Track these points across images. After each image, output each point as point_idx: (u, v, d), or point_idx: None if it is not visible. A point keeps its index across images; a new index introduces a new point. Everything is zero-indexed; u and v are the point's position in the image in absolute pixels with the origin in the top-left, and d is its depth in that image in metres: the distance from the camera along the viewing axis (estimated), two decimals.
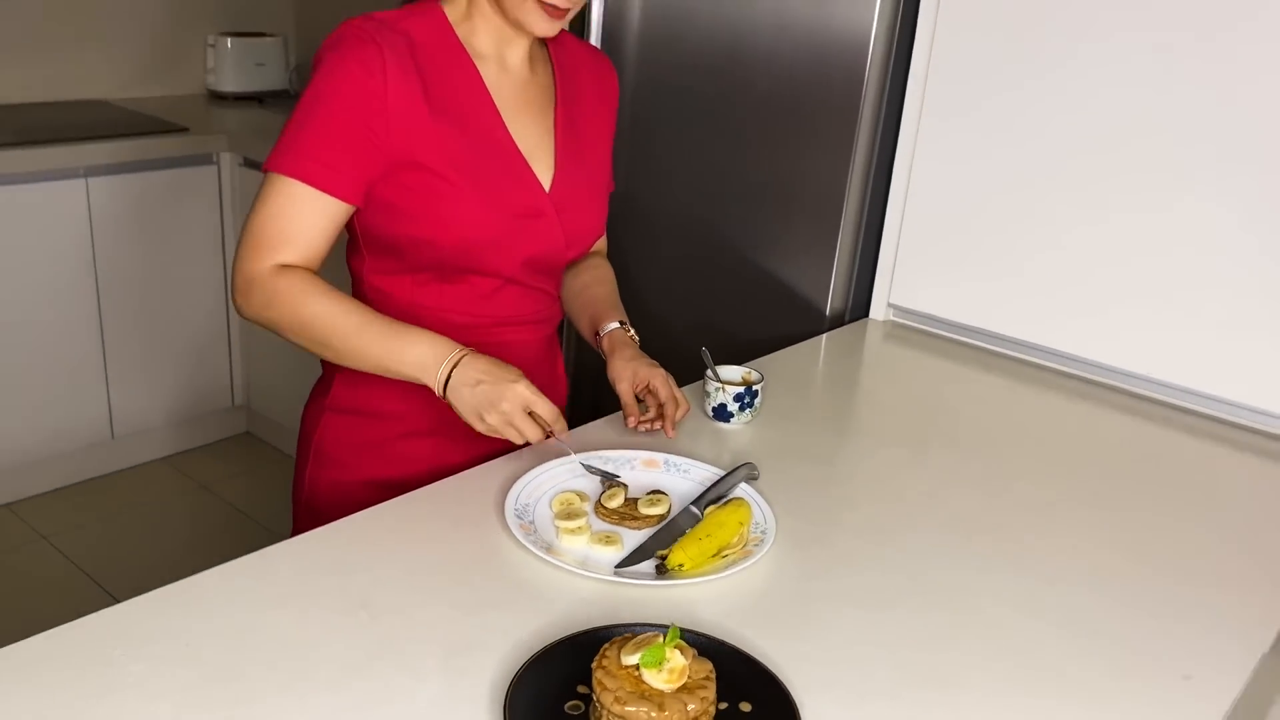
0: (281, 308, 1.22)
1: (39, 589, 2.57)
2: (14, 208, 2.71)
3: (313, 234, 1.23)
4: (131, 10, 3.34)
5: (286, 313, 1.22)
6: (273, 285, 1.21)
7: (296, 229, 1.22)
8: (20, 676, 0.90)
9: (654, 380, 1.37)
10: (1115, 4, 1.59)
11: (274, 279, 1.22)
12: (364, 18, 1.23)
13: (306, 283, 1.22)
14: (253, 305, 1.23)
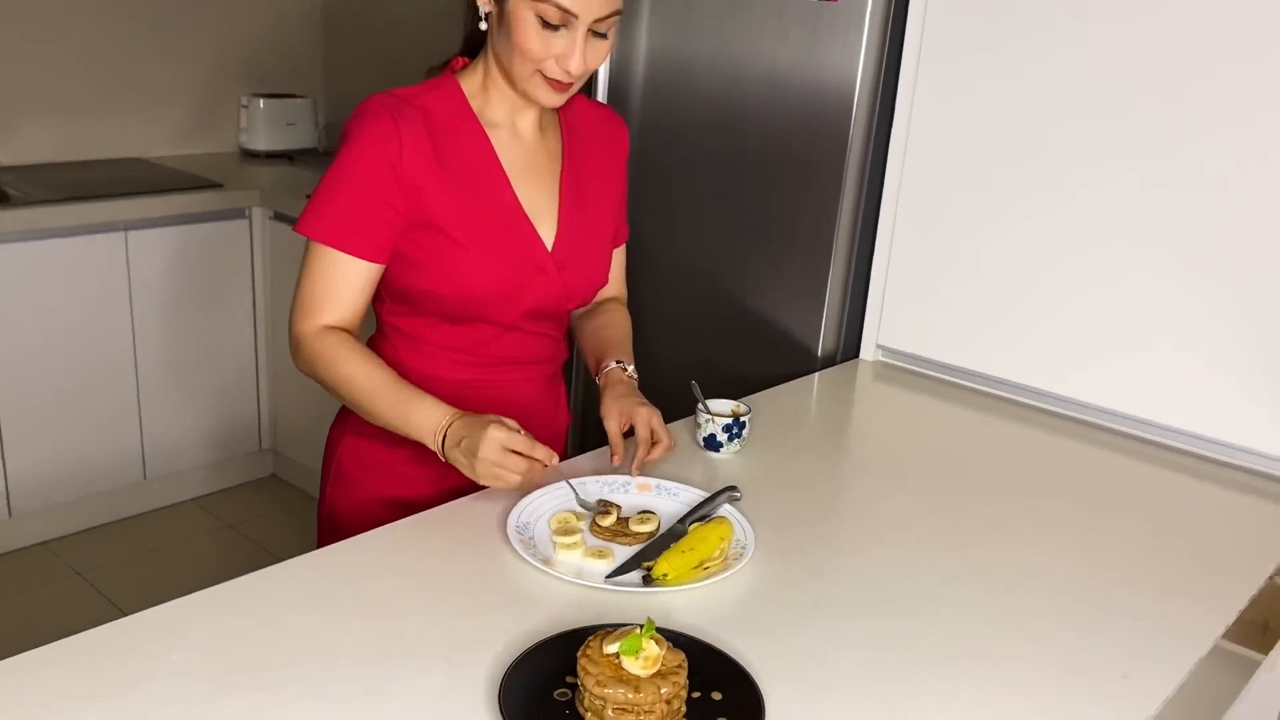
0: (321, 368, 1.38)
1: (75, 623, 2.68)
2: (58, 260, 2.87)
3: (350, 295, 1.38)
4: (169, 73, 3.53)
5: (323, 372, 1.38)
6: (315, 348, 1.38)
7: (336, 293, 1.38)
8: (73, 664, 1.02)
9: (636, 419, 1.44)
10: (1091, 56, 1.72)
11: (316, 342, 1.38)
12: (385, 94, 1.37)
13: (340, 348, 1.37)
14: (300, 362, 1.40)
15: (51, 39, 3.26)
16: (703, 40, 2.09)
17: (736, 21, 2.03)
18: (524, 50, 1.31)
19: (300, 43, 3.84)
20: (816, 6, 1.91)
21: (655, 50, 2.17)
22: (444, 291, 1.41)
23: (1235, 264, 1.63)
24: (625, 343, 1.60)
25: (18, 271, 2.81)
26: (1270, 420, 1.64)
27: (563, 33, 1.30)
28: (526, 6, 1.29)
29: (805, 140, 1.98)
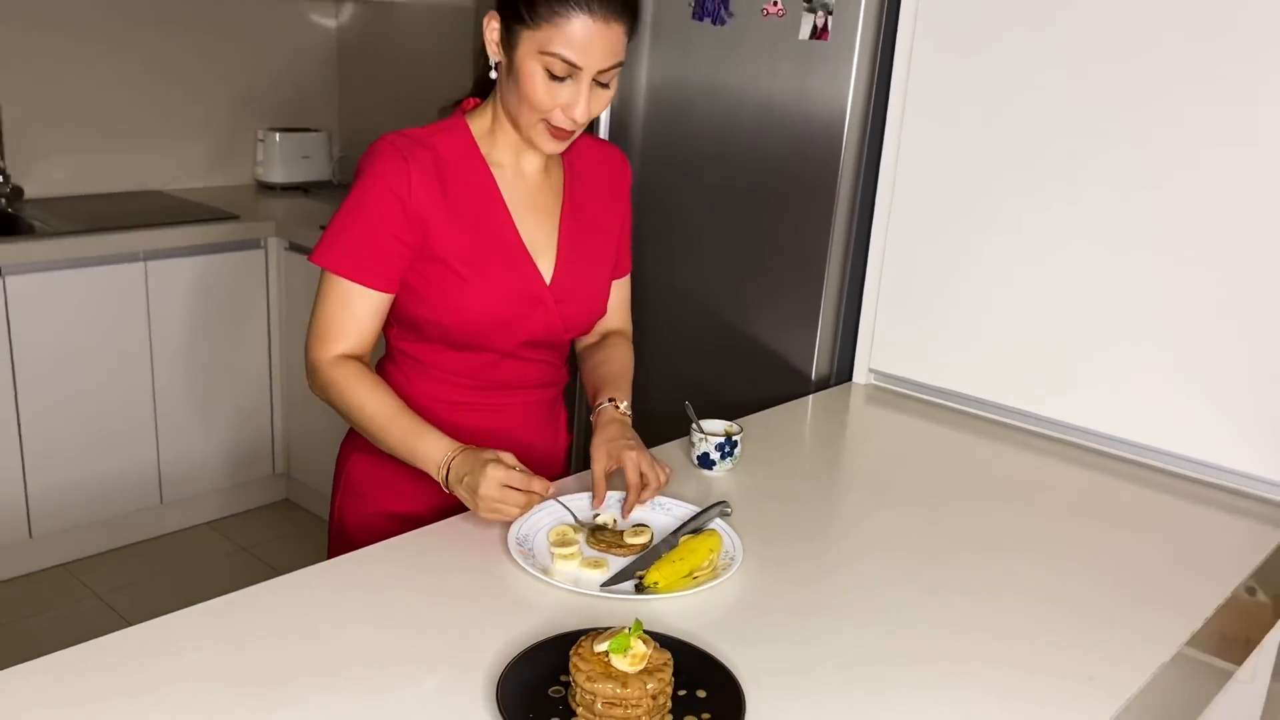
0: (334, 395, 1.46)
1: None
2: (79, 289, 2.97)
3: (363, 323, 1.47)
4: (188, 109, 3.65)
5: (337, 399, 1.46)
6: (330, 375, 1.46)
7: (350, 321, 1.46)
8: (101, 664, 1.10)
9: (625, 462, 1.46)
10: (1073, 87, 1.79)
11: (331, 370, 1.46)
12: (397, 134, 1.46)
13: (353, 378, 1.45)
14: (316, 387, 1.49)
15: (75, 77, 3.37)
16: (700, 76, 2.18)
17: (731, 58, 2.12)
18: (531, 100, 1.39)
19: (316, 78, 3.96)
20: (807, 43, 2.00)
21: (655, 86, 2.27)
22: (447, 321, 1.49)
23: (1205, 292, 1.70)
24: (622, 378, 1.64)
25: (42, 300, 2.91)
26: (1238, 438, 1.71)
27: (568, 83, 1.38)
28: (534, 59, 1.37)
29: (798, 170, 2.07)
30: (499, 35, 1.41)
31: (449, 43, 3.53)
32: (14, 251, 2.86)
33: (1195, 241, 1.70)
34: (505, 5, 1.38)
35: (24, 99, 3.28)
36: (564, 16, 1.34)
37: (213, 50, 3.66)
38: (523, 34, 1.37)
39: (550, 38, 1.35)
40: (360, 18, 3.90)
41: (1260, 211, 1.63)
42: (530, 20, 1.35)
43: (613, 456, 1.48)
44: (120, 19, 3.43)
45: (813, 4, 1.98)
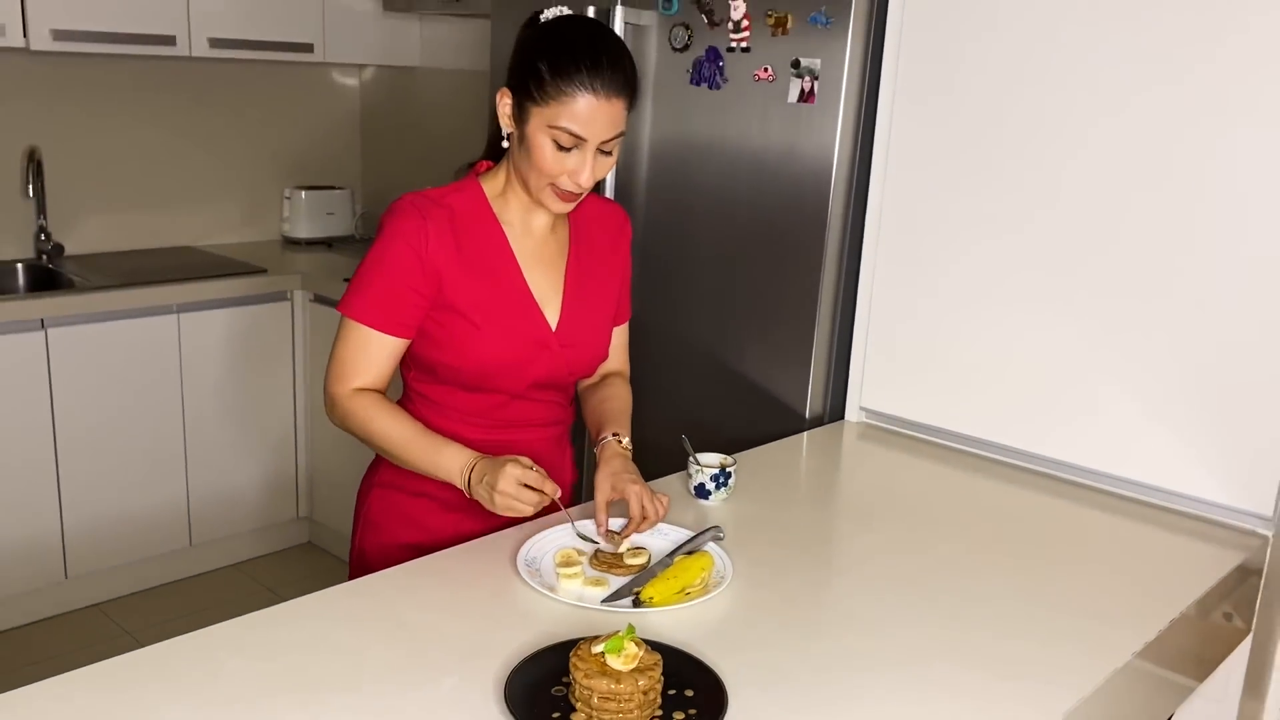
0: (355, 424, 1.61)
1: None
2: (115, 341, 3.14)
3: (379, 365, 1.61)
4: (218, 169, 3.84)
5: (357, 427, 1.61)
6: (349, 406, 1.60)
7: (367, 362, 1.60)
8: (148, 668, 1.23)
9: (628, 494, 1.57)
10: (1049, 140, 1.94)
11: (350, 401, 1.60)
12: (416, 194, 1.61)
13: (372, 406, 1.60)
14: (335, 418, 1.63)
15: (112, 140, 3.58)
16: (697, 136, 2.34)
17: (726, 119, 2.28)
18: (540, 167, 1.54)
19: (339, 139, 4.16)
20: (795, 106, 2.16)
21: (656, 145, 2.42)
22: (460, 364, 1.63)
23: (1169, 331, 1.82)
24: (623, 415, 1.77)
25: (82, 350, 3.07)
26: (1200, 468, 1.82)
27: (574, 153, 1.52)
28: (542, 132, 1.51)
29: (789, 221, 2.21)
30: (510, 109, 1.56)
31: (464, 105, 3.71)
32: (55, 305, 3.03)
33: (1163, 283, 1.82)
34: (516, 84, 1.54)
35: (65, 161, 3.48)
36: (570, 95, 1.48)
37: (242, 114, 3.86)
38: (532, 110, 1.52)
39: (557, 114, 1.49)
40: (381, 82, 4.10)
41: (1224, 249, 1.76)
42: (539, 98, 1.50)
43: (616, 489, 1.60)
44: (154, 86, 3.64)
45: (800, 70, 2.13)
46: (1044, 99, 1.91)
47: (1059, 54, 1.88)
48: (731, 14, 2.21)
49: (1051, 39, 1.88)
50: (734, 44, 2.23)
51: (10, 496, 3.01)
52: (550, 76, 1.49)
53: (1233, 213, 1.74)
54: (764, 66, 2.19)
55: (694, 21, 2.29)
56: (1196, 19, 1.73)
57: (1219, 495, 1.82)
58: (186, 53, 3.37)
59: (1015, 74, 1.93)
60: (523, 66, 1.52)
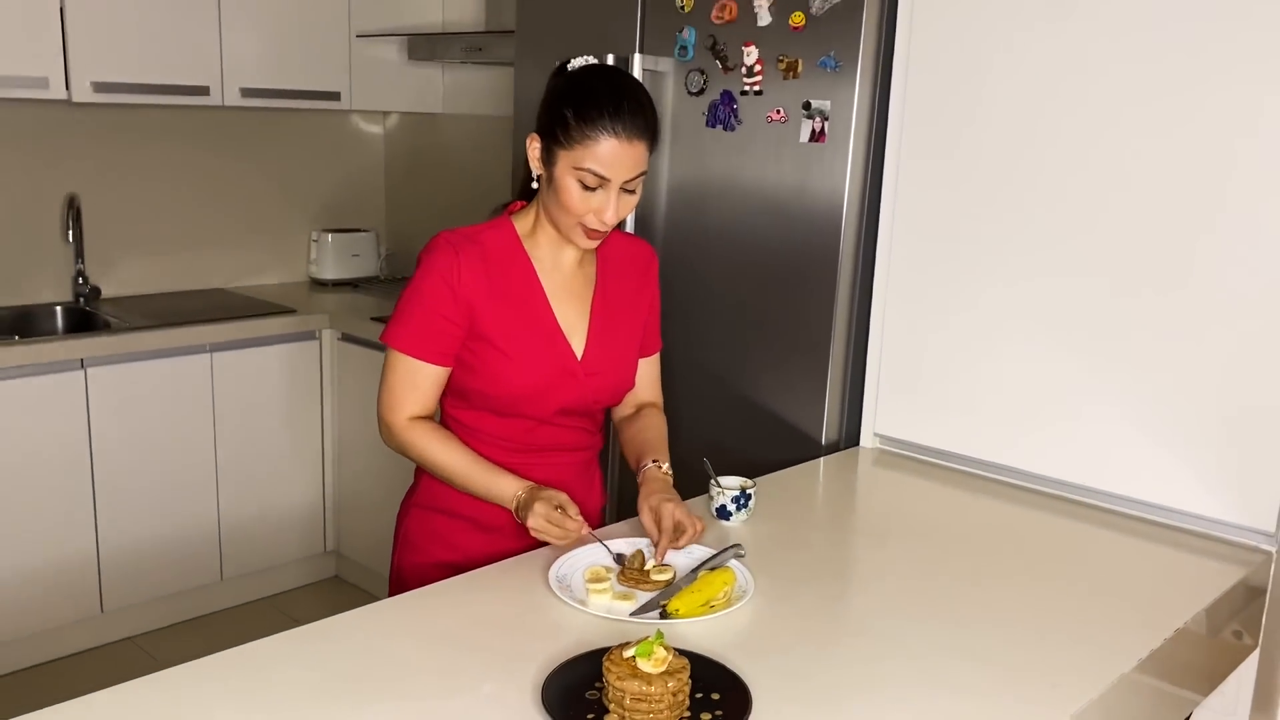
0: (414, 451, 1.73)
1: None
2: (150, 379, 3.24)
3: (426, 392, 1.73)
4: (249, 214, 3.97)
5: (416, 455, 1.74)
6: (407, 436, 1.72)
7: (415, 391, 1.72)
8: (203, 677, 1.32)
9: (663, 514, 1.68)
10: (1046, 172, 2.03)
11: (406, 431, 1.72)
12: (452, 231, 1.71)
13: (430, 435, 1.72)
14: (393, 443, 1.75)
15: (147, 187, 3.71)
16: (714, 175, 2.44)
17: (741, 159, 2.38)
18: (568, 207, 1.64)
19: (365, 183, 4.28)
20: (807, 145, 2.26)
21: (675, 185, 2.53)
22: (492, 390, 1.73)
23: (1174, 359, 1.90)
24: (661, 443, 1.86)
25: (119, 388, 3.18)
26: (1204, 487, 1.89)
27: (599, 192, 1.62)
28: (569, 175, 1.62)
29: (803, 255, 2.30)
30: (539, 153, 1.66)
31: (485, 150, 3.84)
32: (94, 345, 3.14)
33: (1164, 309, 1.90)
34: (544, 130, 1.65)
35: (103, 207, 3.61)
36: (594, 139, 1.59)
37: (271, 160, 4.00)
38: (559, 154, 1.62)
39: (583, 156, 1.60)
40: (405, 128, 4.24)
41: (1221, 276, 1.84)
42: (565, 142, 1.61)
43: (655, 510, 1.70)
44: (188, 134, 3.78)
45: (810, 111, 2.24)
46: (1045, 135, 2.00)
47: (1060, 93, 1.97)
48: (745, 59, 2.32)
49: (1053, 78, 1.98)
50: (747, 87, 2.33)
51: (50, 531, 3.11)
52: (575, 121, 1.59)
53: (1228, 237, 1.82)
54: (776, 108, 2.29)
55: (709, 67, 2.40)
56: (1200, 62, 1.82)
57: (1222, 513, 1.89)
58: (219, 102, 3.51)
59: (1017, 112, 2.03)
60: (550, 113, 1.63)
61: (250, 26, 3.52)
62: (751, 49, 2.31)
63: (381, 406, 1.73)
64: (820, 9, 2.20)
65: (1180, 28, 1.83)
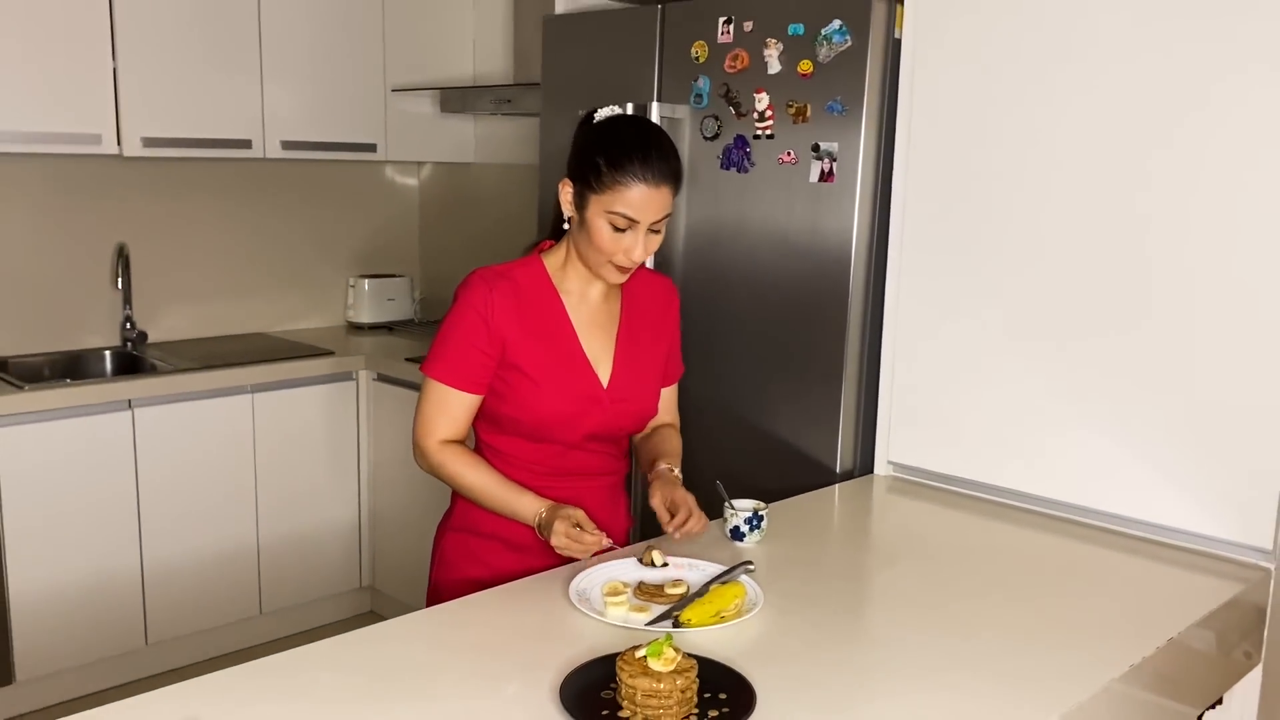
0: (445, 473, 1.85)
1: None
2: (194, 419, 3.38)
3: (458, 419, 1.84)
4: (288, 261, 4.13)
5: (447, 476, 1.85)
6: (438, 458, 1.84)
7: (448, 417, 1.84)
8: (250, 680, 1.42)
9: (675, 497, 1.84)
10: (1056, 192, 2.12)
11: (438, 454, 1.84)
12: (486, 269, 1.84)
13: (459, 459, 1.84)
14: (426, 465, 1.86)
15: (191, 236, 3.88)
16: (728, 215, 2.55)
17: (754, 199, 2.49)
18: (599, 246, 1.77)
19: (399, 230, 4.44)
20: (816, 185, 2.37)
21: (692, 225, 2.64)
22: (523, 417, 1.84)
23: (1171, 381, 1.98)
24: (675, 452, 2.00)
25: (165, 427, 3.32)
26: (1201, 506, 1.96)
27: (629, 233, 1.75)
28: (601, 217, 1.75)
29: (814, 291, 2.41)
30: (571, 197, 1.79)
31: (515, 197, 3.98)
32: (141, 387, 3.29)
33: (1169, 340, 1.98)
34: (577, 176, 1.78)
35: (150, 255, 3.78)
36: (626, 185, 1.72)
37: (310, 210, 4.17)
38: (591, 198, 1.75)
39: (614, 201, 1.73)
40: (439, 177, 4.40)
41: (1213, 301, 1.92)
42: (597, 188, 1.74)
43: (667, 495, 1.84)
44: (231, 185, 3.95)
45: (819, 153, 2.35)
46: (1045, 171, 2.09)
47: (1058, 132, 2.07)
48: (756, 105, 2.44)
49: (1050, 119, 2.08)
50: (759, 132, 2.45)
51: (97, 564, 3.23)
52: (608, 169, 1.72)
53: (1227, 266, 1.90)
54: (787, 151, 2.41)
55: (723, 113, 2.52)
56: (1199, 96, 1.91)
57: (1221, 531, 1.95)
58: (261, 155, 3.68)
59: (1017, 149, 2.13)
60: (583, 160, 1.76)
61: (290, 82, 3.70)
62: (763, 95, 2.43)
63: (416, 431, 1.85)
64: (827, 57, 2.32)
65: (1178, 69, 1.93)
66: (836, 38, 2.29)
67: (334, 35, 3.78)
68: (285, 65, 3.68)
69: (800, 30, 2.35)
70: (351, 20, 3.82)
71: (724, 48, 2.50)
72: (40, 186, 3.54)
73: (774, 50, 2.40)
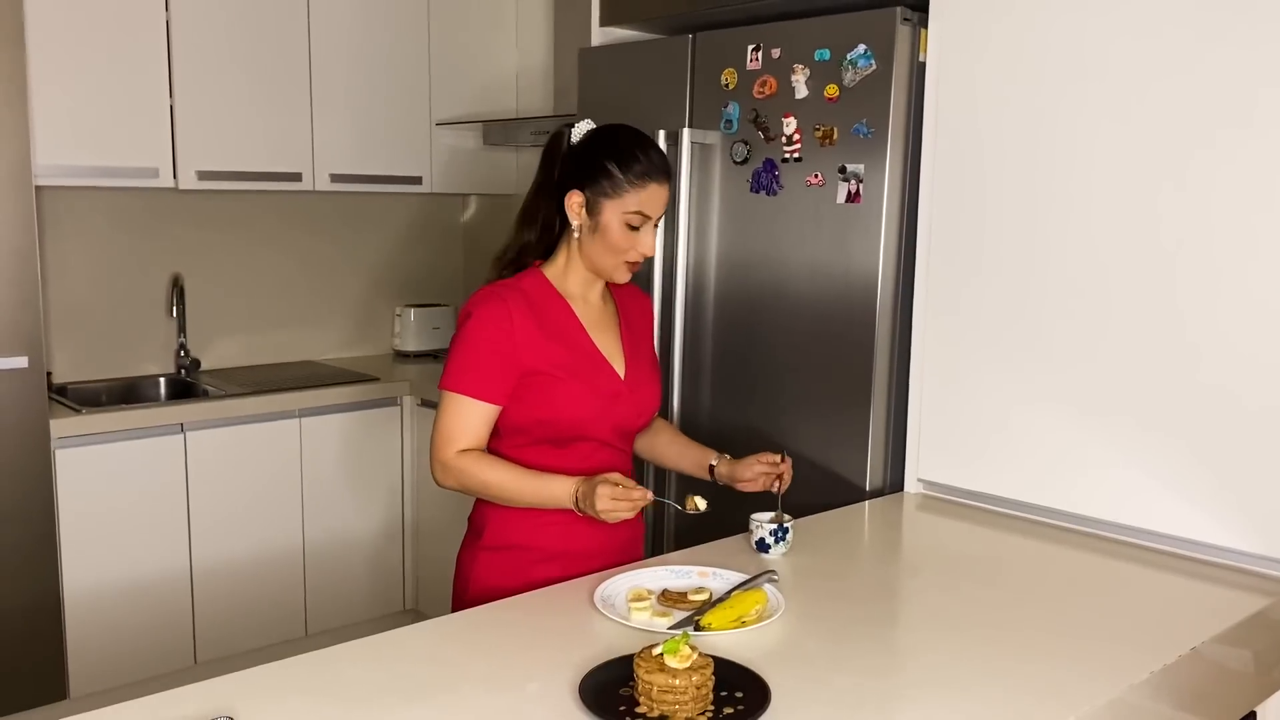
0: (468, 478, 1.88)
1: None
2: (244, 442, 3.48)
3: (478, 428, 1.89)
4: (336, 291, 4.25)
5: (470, 479, 1.88)
6: (459, 466, 1.87)
7: (468, 427, 1.88)
8: (282, 677, 1.48)
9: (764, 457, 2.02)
10: (1087, 204, 2.15)
11: (458, 461, 1.88)
12: (492, 284, 1.92)
13: (480, 459, 1.88)
14: (447, 480, 1.89)
15: (243, 266, 4.01)
16: (758, 238, 2.60)
17: (784, 221, 2.54)
18: (615, 246, 1.87)
19: (444, 260, 4.55)
20: (844, 206, 2.41)
21: (723, 248, 2.69)
22: (554, 417, 1.90)
23: (1190, 397, 1.99)
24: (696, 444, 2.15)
25: (216, 450, 3.42)
26: (1223, 519, 1.95)
27: (642, 230, 1.87)
28: (616, 218, 1.85)
29: (843, 310, 2.44)
30: (580, 206, 1.87)
31: None
32: (193, 411, 3.39)
33: (1192, 359, 1.99)
34: (587, 185, 1.86)
35: (203, 285, 3.91)
36: (641, 185, 1.85)
37: (357, 241, 4.28)
38: (605, 203, 1.85)
39: (631, 202, 1.85)
40: (482, 208, 4.50)
41: (1236, 320, 1.93)
42: (613, 193, 1.85)
43: (748, 463, 2.03)
44: (281, 217, 4.08)
45: (846, 174, 2.39)
46: (1074, 188, 2.12)
47: (1084, 151, 2.10)
48: (784, 129, 2.50)
49: (1078, 133, 2.11)
50: (787, 155, 2.51)
51: (149, 584, 3.33)
52: (623, 175, 1.84)
53: (1249, 289, 1.91)
54: (814, 173, 2.45)
55: (752, 138, 2.58)
56: (1229, 117, 1.93)
57: (1247, 544, 1.94)
58: (310, 187, 3.80)
59: (1044, 168, 2.15)
60: (592, 169, 1.86)
61: (339, 117, 3.83)
62: (790, 120, 2.48)
63: (435, 446, 1.89)
64: (852, 81, 2.37)
65: (1207, 90, 1.95)
66: (862, 62, 2.35)
67: (381, 72, 3.91)
68: (334, 101, 3.81)
69: (826, 55, 2.41)
70: (398, 57, 3.95)
71: (753, 74, 2.56)
72: (99, 219, 3.69)
73: (801, 75, 2.45)
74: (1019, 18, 2.16)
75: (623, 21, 2.94)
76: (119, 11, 3.32)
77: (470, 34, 4.12)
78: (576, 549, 1.92)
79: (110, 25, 3.31)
